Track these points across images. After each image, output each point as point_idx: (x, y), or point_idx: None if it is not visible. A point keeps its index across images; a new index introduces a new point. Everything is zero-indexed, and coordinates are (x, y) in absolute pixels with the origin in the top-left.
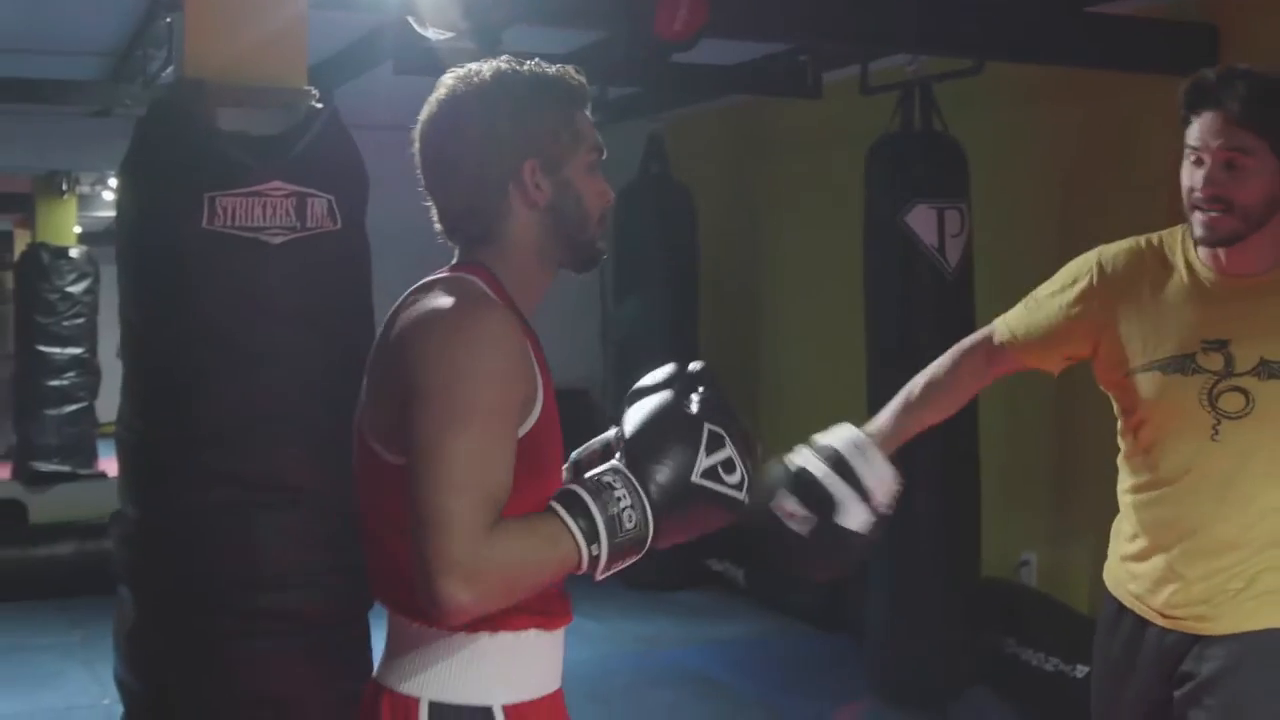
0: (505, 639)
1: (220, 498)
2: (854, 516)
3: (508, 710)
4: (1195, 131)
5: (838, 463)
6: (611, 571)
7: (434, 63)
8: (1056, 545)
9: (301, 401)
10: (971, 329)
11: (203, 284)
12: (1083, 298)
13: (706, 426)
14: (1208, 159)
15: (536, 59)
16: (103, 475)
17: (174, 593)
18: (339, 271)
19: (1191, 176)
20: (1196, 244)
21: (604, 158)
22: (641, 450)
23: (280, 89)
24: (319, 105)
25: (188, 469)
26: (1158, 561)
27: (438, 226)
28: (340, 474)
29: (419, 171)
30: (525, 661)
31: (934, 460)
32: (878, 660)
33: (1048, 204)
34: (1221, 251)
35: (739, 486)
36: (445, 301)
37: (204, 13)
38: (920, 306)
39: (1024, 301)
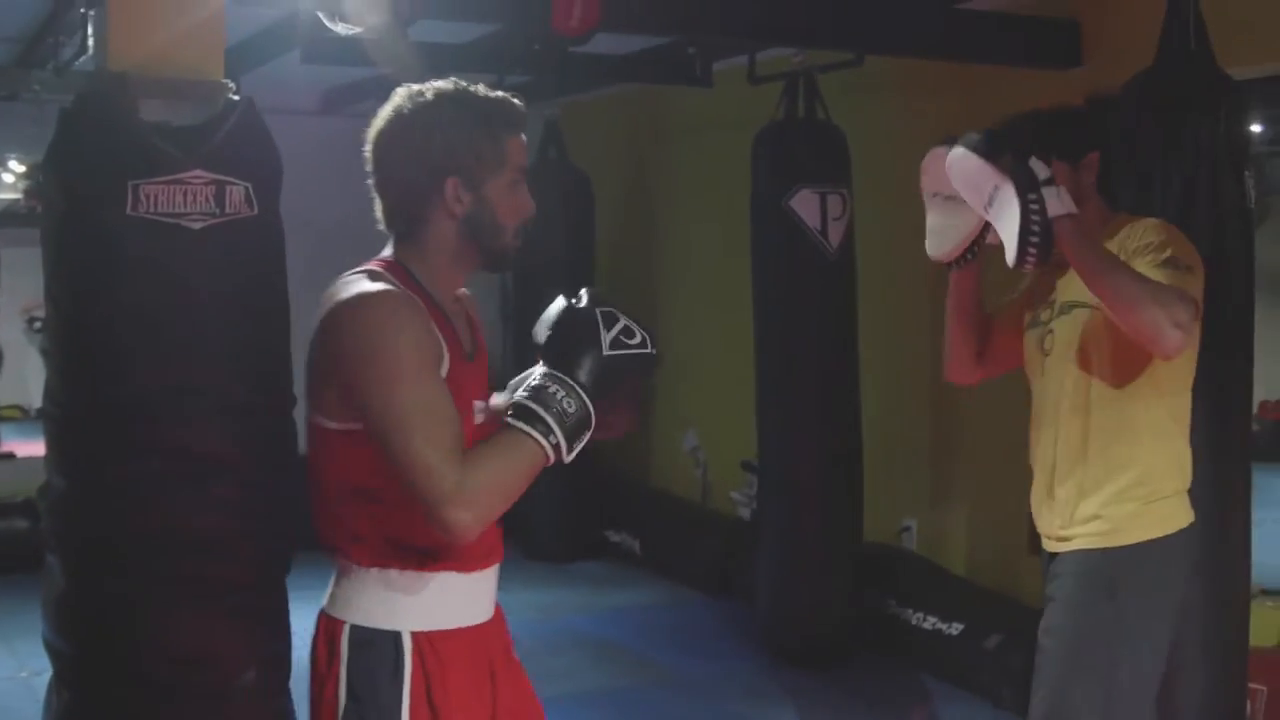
0: (414, 576)
1: (143, 469)
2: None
3: (415, 636)
4: None
5: None
6: (575, 452)
7: (340, 52)
8: (935, 512)
9: (220, 378)
10: (853, 307)
11: (127, 267)
12: None
13: (597, 310)
14: None
15: (482, 85)
16: (10, 456)
17: (99, 559)
18: (256, 254)
19: None
20: None
21: (525, 174)
22: (556, 350)
23: (199, 81)
24: (236, 97)
25: (112, 442)
26: (1033, 494)
27: (380, 217)
28: (257, 447)
29: (369, 170)
30: (436, 596)
31: (819, 435)
32: (768, 622)
33: None
34: None
35: (644, 344)
36: (352, 294)
37: (125, 7)
38: (804, 286)
39: None
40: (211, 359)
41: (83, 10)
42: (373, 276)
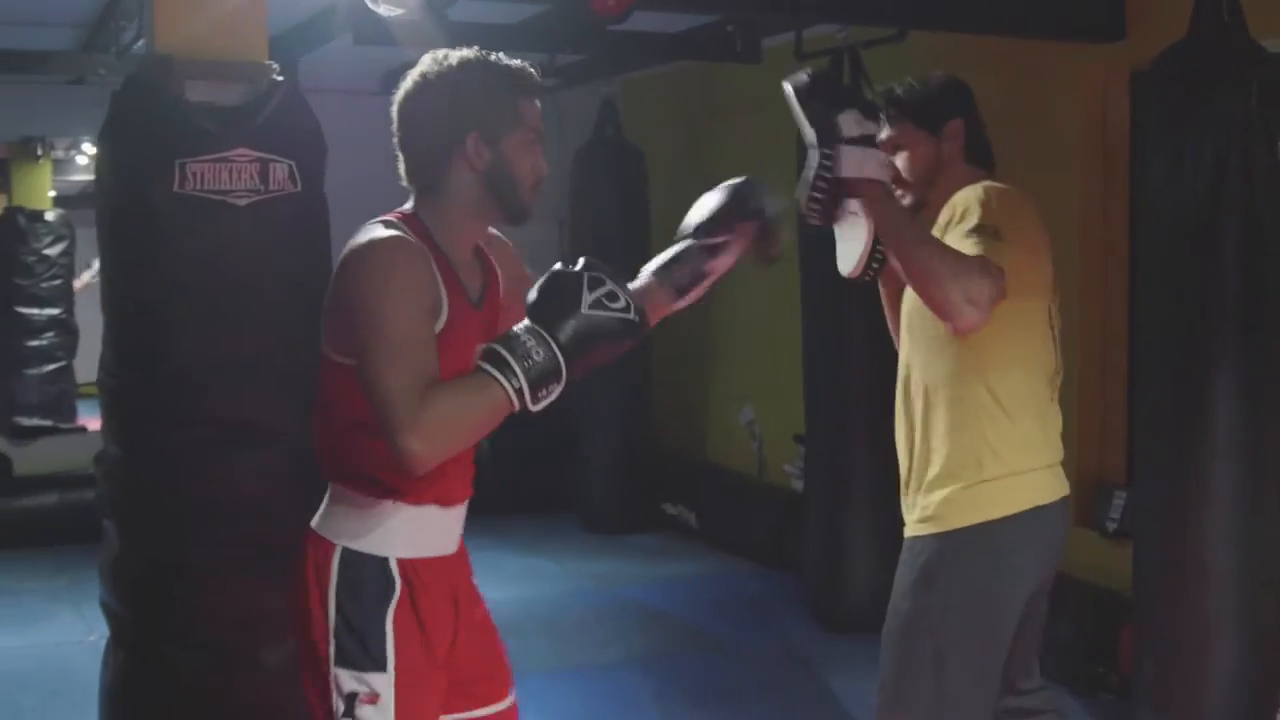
0: (406, 508)
1: (193, 437)
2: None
3: (401, 562)
4: None
5: None
6: (541, 402)
7: (391, 33)
8: None
9: (266, 347)
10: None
11: (175, 242)
12: None
13: (586, 274)
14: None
15: (502, 53)
16: (83, 429)
17: (152, 524)
18: (299, 229)
19: None
20: None
21: (541, 137)
22: (537, 304)
23: (243, 63)
24: (279, 78)
25: (163, 411)
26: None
27: (403, 174)
28: (302, 414)
29: (394, 129)
30: (421, 527)
31: (864, 406)
32: (816, 591)
33: None
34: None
35: (626, 309)
36: (362, 239)
37: None
38: None
39: None
40: (257, 331)
41: None
42: (387, 225)
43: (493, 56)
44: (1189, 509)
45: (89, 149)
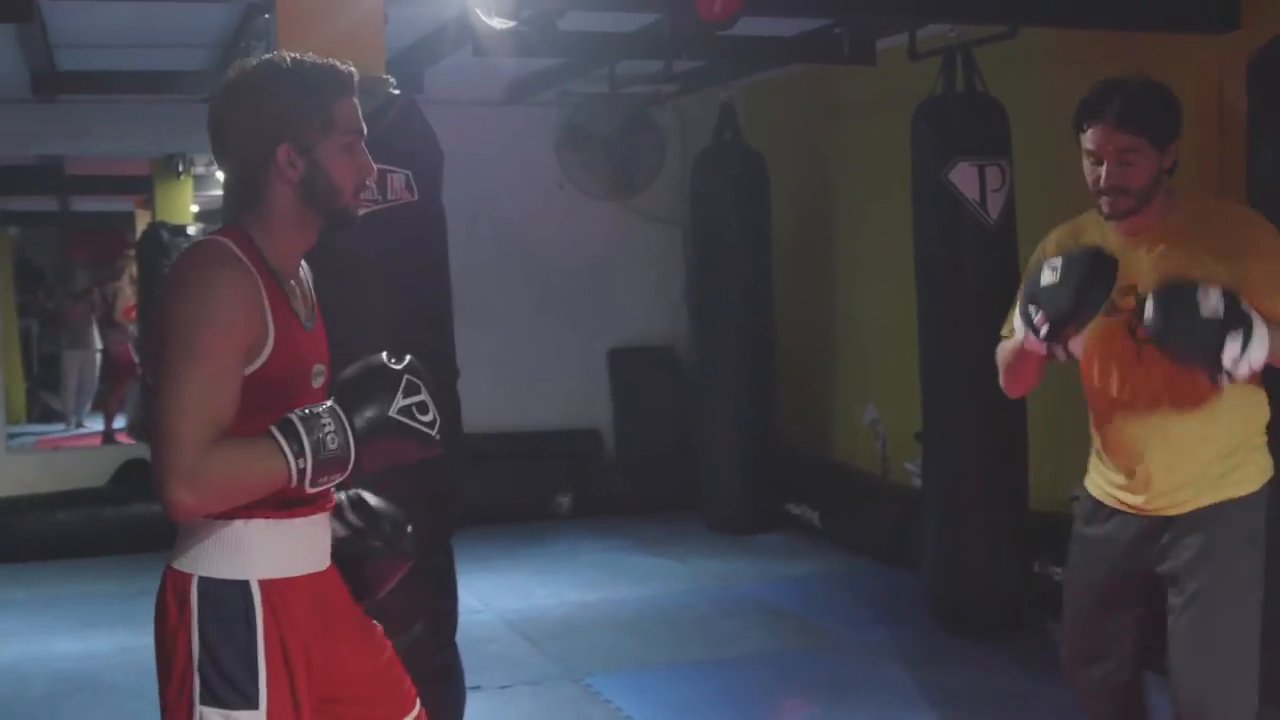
0: (261, 523)
1: None
2: None
3: (262, 584)
4: (1090, 138)
5: None
6: (320, 485)
7: (511, 45)
8: None
9: (385, 350)
10: (1014, 277)
11: None
12: None
13: (405, 377)
14: (1105, 159)
15: (310, 54)
16: None
17: None
18: (416, 236)
19: (1093, 172)
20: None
21: (365, 136)
22: (349, 391)
23: (361, 77)
24: (396, 90)
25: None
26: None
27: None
28: None
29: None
30: (281, 542)
31: (981, 404)
32: (934, 590)
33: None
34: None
35: (431, 425)
36: (187, 261)
37: (293, 11)
38: (963, 257)
39: None
40: (376, 334)
41: (265, 16)
42: (216, 244)
43: (300, 58)
44: None
45: None
